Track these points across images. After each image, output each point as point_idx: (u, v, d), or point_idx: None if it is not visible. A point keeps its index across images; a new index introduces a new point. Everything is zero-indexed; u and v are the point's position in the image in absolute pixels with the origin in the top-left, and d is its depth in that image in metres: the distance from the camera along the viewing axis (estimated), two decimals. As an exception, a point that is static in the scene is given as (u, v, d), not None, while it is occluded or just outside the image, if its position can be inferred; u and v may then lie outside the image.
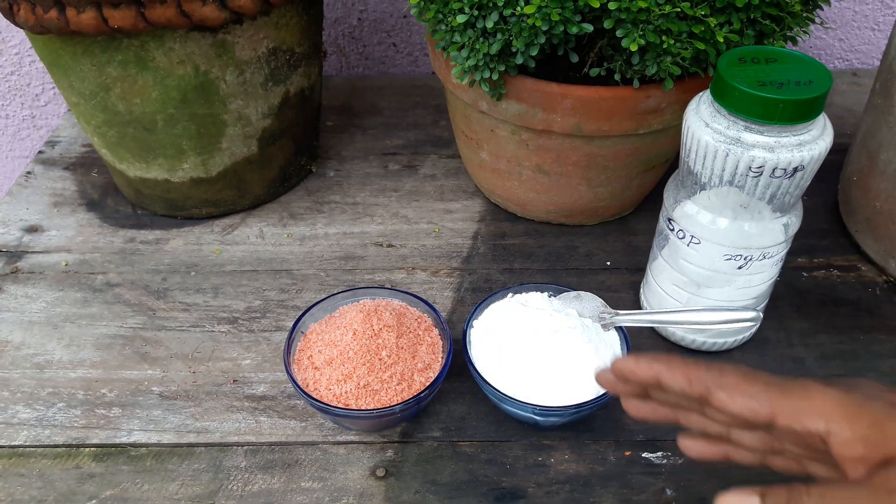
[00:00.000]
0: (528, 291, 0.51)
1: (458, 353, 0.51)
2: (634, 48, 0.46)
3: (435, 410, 0.50)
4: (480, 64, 0.50)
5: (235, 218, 0.67)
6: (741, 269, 0.47)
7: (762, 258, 0.47)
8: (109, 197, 0.70)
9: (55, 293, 0.59)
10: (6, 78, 0.91)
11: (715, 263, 0.47)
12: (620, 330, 0.48)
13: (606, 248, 0.63)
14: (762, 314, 0.50)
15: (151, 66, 0.54)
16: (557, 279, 0.60)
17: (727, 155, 0.42)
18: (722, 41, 0.46)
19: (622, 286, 0.59)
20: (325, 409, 0.45)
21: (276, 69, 0.60)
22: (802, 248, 0.62)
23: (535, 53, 0.48)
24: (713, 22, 0.46)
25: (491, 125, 0.57)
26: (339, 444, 0.48)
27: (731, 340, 0.52)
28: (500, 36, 0.48)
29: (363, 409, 0.45)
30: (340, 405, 0.45)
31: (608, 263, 0.61)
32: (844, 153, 0.64)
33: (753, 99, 0.40)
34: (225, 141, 0.61)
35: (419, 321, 0.50)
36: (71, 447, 0.48)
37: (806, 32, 0.51)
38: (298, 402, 0.50)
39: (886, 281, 0.59)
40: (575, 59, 0.50)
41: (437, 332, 0.50)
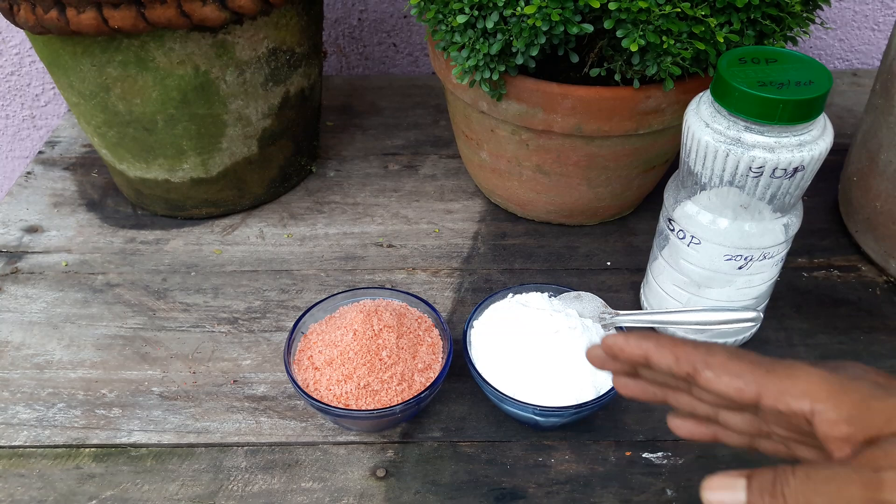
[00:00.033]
0: (528, 292, 0.51)
1: (458, 353, 0.51)
2: (635, 48, 0.46)
3: (435, 411, 0.50)
4: (480, 64, 0.50)
5: (235, 218, 0.67)
6: (741, 269, 0.47)
7: (762, 258, 0.47)
8: (109, 197, 0.70)
9: (55, 293, 0.59)
10: (6, 78, 0.91)
11: (715, 264, 0.47)
12: (621, 330, 0.48)
13: (607, 248, 0.63)
14: (762, 314, 0.50)
15: (151, 66, 0.54)
16: (558, 279, 0.60)
17: (727, 155, 0.42)
18: (722, 41, 0.46)
19: (622, 286, 0.59)
20: (325, 409, 0.45)
21: (276, 69, 0.60)
22: (803, 248, 0.62)
23: (535, 54, 0.48)
24: (713, 22, 0.46)
25: (491, 125, 0.57)
26: (339, 444, 0.48)
27: (731, 341, 0.52)
28: (500, 36, 0.48)
29: (363, 409, 0.45)
30: (341, 405, 0.45)
31: (608, 264, 0.61)
32: (845, 153, 0.64)
33: (754, 99, 0.40)
34: (225, 141, 0.61)
35: (419, 321, 0.50)
36: (71, 447, 0.48)
37: (806, 33, 0.51)
38: (299, 402, 0.50)
39: (887, 281, 0.59)
40: (575, 59, 0.50)
41: (437, 332, 0.50)
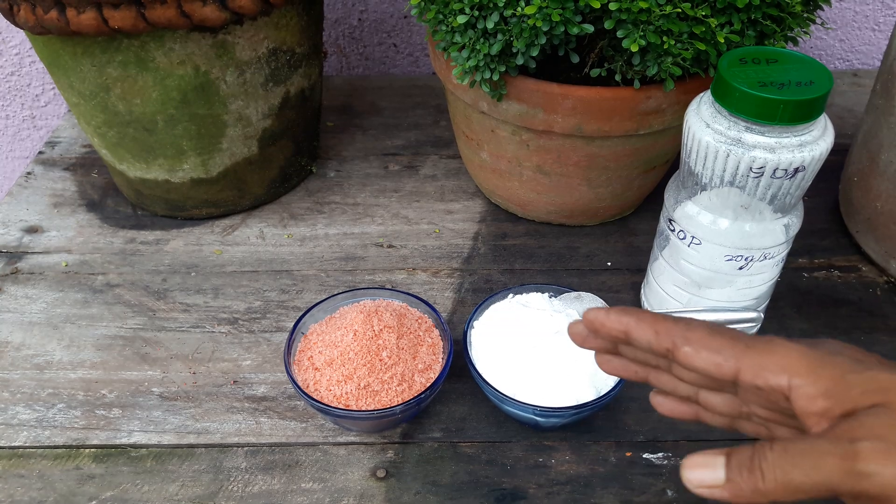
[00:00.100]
0: (528, 292, 0.51)
1: (458, 353, 0.51)
2: (635, 49, 0.46)
3: (435, 411, 0.50)
4: (481, 64, 0.50)
5: (236, 218, 0.67)
6: (742, 269, 0.47)
7: (763, 259, 0.47)
8: (109, 197, 0.70)
9: (55, 294, 0.59)
10: (6, 78, 0.91)
11: (716, 264, 0.47)
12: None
13: (607, 248, 0.63)
14: (763, 315, 0.50)
15: (151, 66, 0.54)
16: (558, 280, 0.60)
17: (728, 155, 0.42)
18: (723, 42, 0.46)
19: (623, 287, 0.59)
20: (325, 409, 0.45)
21: (276, 69, 0.60)
22: (803, 248, 0.62)
23: (535, 54, 0.48)
24: (714, 22, 0.46)
25: (491, 125, 0.57)
26: (339, 444, 0.48)
27: (731, 341, 0.52)
28: (500, 36, 0.48)
29: (364, 409, 0.45)
30: (341, 406, 0.45)
31: (609, 264, 0.61)
32: (845, 154, 0.64)
33: (754, 99, 0.40)
34: (225, 141, 0.61)
35: (420, 322, 0.50)
36: (71, 448, 0.48)
37: (807, 33, 0.51)
38: (299, 402, 0.50)
39: (887, 281, 0.59)
40: (576, 59, 0.50)
41: (437, 332, 0.50)
